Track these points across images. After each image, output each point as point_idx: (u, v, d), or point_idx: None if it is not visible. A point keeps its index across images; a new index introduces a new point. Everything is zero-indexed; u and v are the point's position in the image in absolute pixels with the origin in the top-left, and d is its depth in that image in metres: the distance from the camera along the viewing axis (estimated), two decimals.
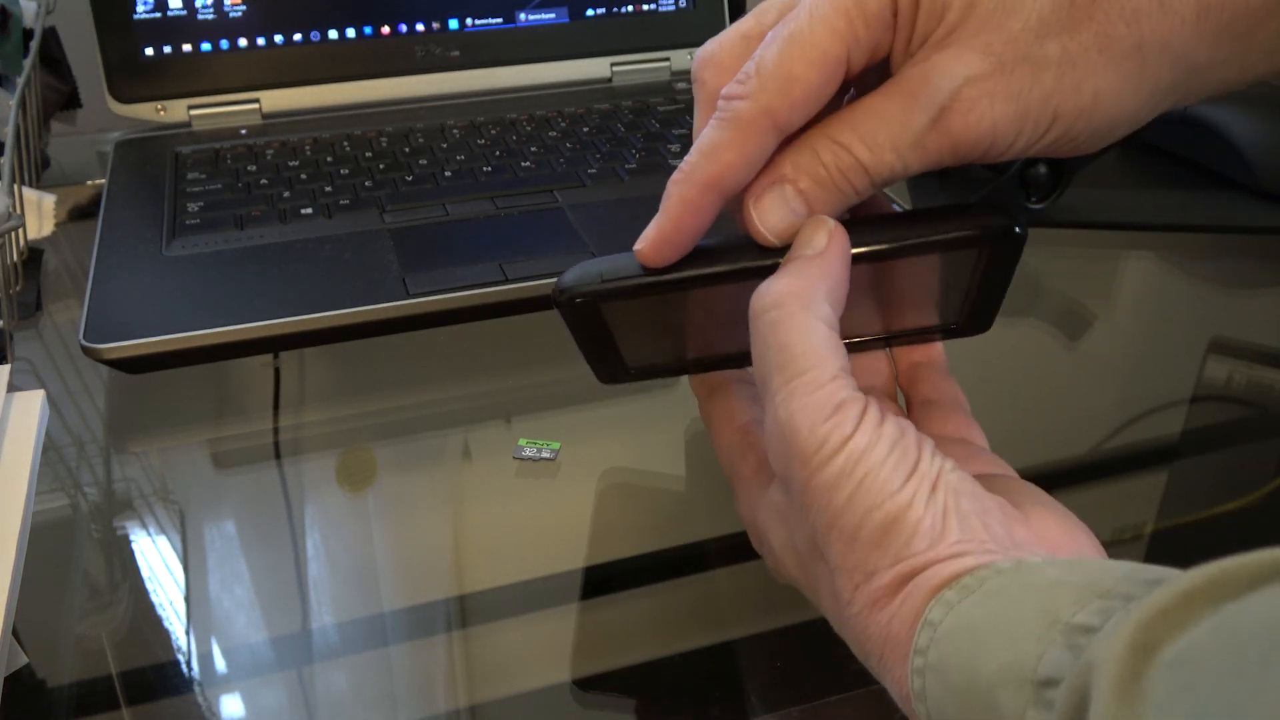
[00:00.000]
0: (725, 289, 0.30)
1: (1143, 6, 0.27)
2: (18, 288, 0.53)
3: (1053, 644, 0.21)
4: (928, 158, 0.28)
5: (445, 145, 0.63)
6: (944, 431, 0.33)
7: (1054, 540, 0.27)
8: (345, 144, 0.63)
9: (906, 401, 0.35)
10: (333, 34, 0.68)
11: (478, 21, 0.70)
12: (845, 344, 0.34)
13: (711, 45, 0.31)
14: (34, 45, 0.62)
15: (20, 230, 0.54)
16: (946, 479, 0.26)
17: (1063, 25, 0.27)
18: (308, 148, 0.62)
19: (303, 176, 0.59)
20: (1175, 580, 0.19)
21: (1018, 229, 0.30)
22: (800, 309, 0.27)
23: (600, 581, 0.40)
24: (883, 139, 0.28)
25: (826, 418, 0.26)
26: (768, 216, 0.29)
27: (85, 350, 0.45)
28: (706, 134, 0.28)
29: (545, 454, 0.45)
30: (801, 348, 0.27)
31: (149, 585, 0.40)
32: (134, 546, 0.42)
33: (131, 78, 0.65)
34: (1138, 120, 0.29)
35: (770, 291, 0.27)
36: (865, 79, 0.30)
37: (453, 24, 0.69)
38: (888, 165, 0.28)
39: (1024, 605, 0.23)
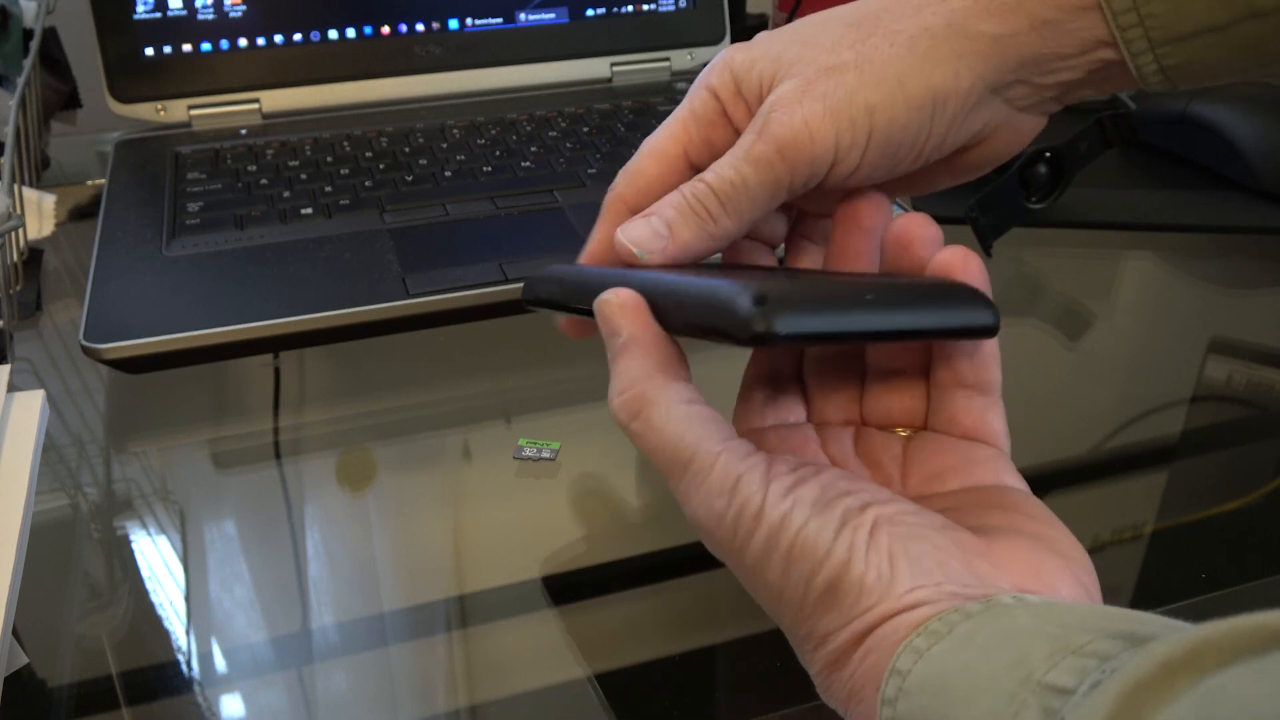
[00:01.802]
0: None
1: (921, 2, 0.31)
2: (18, 288, 0.53)
3: (1026, 706, 0.21)
4: (762, 169, 0.31)
5: (445, 145, 0.63)
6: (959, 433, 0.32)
7: (1018, 574, 0.26)
8: (345, 144, 0.63)
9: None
10: (333, 34, 0.68)
11: (478, 21, 0.70)
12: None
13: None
14: (34, 45, 0.62)
15: (20, 230, 0.54)
16: (887, 522, 0.26)
17: (854, 39, 0.31)
18: (308, 148, 0.62)
19: (303, 176, 0.59)
20: (1153, 649, 0.19)
21: (992, 321, 0.29)
22: (650, 408, 0.28)
23: (600, 581, 0.40)
24: (725, 161, 0.32)
25: (728, 501, 0.26)
26: (630, 231, 0.32)
27: (85, 350, 0.45)
28: None
29: (545, 454, 0.45)
30: (673, 443, 0.27)
31: (149, 585, 0.40)
32: (134, 546, 0.42)
33: (131, 78, 0.65)
34: (960, 89, 0.30)
35: (618, 409, 0.29)
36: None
37: (453, 24, 0.69)
38: (728, 180, 0.31)
39: (996, 657, 0.22)
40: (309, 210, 0.56)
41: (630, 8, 0.72)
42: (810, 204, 0.35)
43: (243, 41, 0.66)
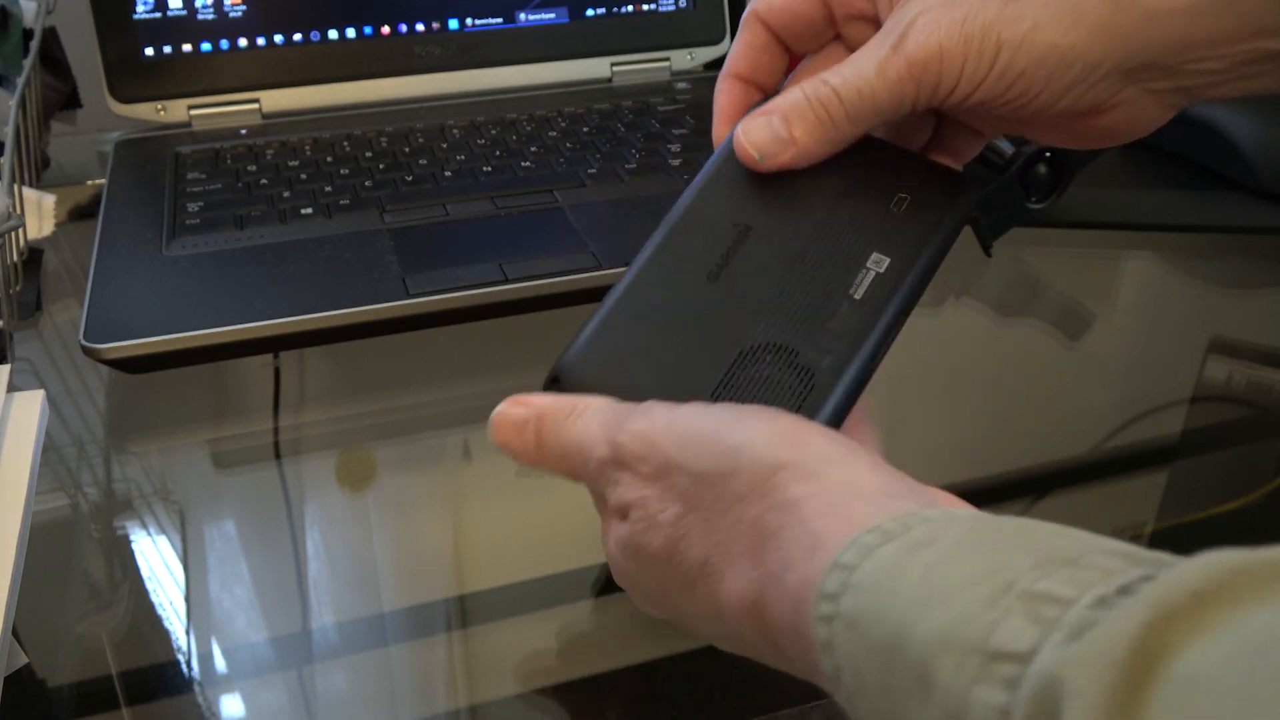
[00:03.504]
0: None
1: None
2: (18, 288, 0.53)
3: (1010, 612, 0.18)
4: (892, 86, 0.31)
5: (445, 145, 0.63)
6: None
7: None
8: (345, 144, 0.63)
9: None
10: (333, 34, 0.68)
11: (478, 21, 0.70)
12: None
13: None
14: (34, 45, 0.62)
15: (20, 230, 0.54)
16: (806, 425, 0.26)
17: None
18: (308, 148, 0.62)
19: (303, 176, 0.59)
20: (1179, 572, 0.17)
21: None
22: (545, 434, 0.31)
23: (600, 582, 0.40)
24: (851, 69, 0.32)
25: (634, 414, 0.28)
26: (751, 134, 0.32)
27: (85, 350, 0.45)
28: None
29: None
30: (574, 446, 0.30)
31: (149, 585, 0.40)
32: (134, 546, 0.42)
33: (131, 78, 0.65)
34: (1089, 60, 0.30)
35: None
36: None
37: (453, 24, 0.69)
38: (854, 89, 0.31)
39: (966, 562, 0.20)
40: (309, 210, 0.56)
41: (630, 8, 0.72)
42: (959, 113, 0.35)
43: (243, 41, 0.66)
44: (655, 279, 0.32)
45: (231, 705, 0.35)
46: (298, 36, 0.67)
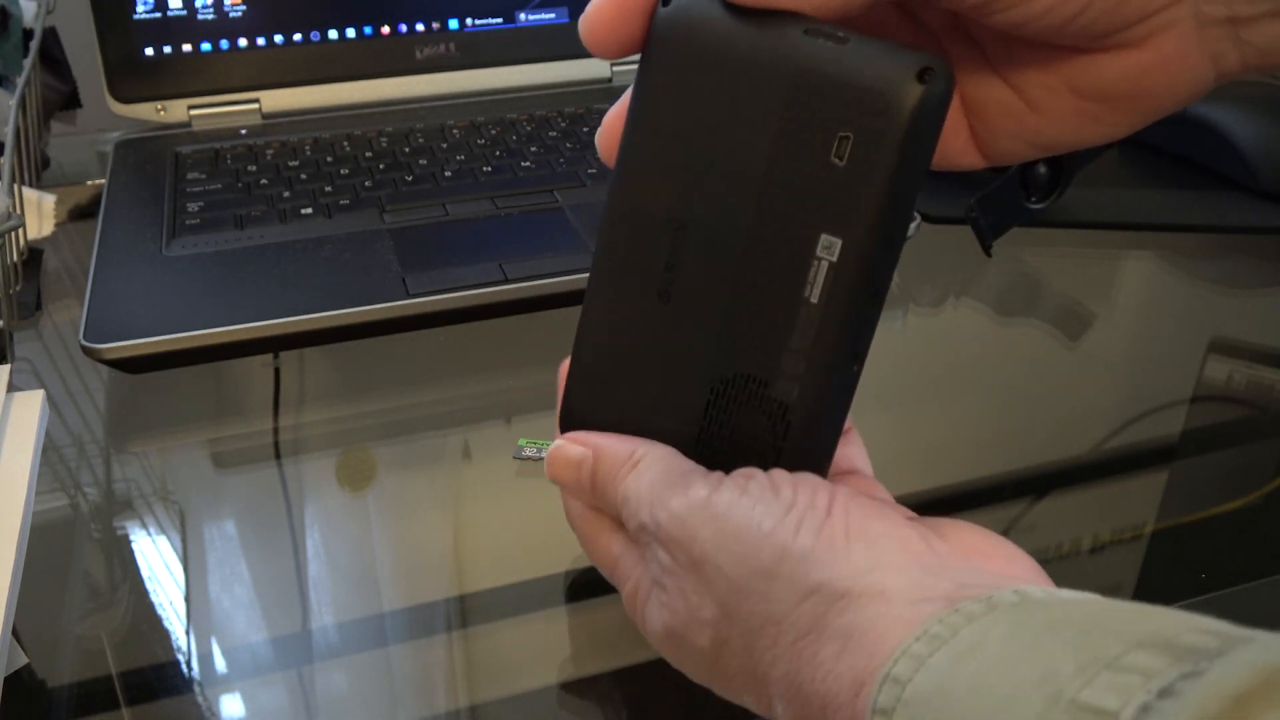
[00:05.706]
0: None
1: None
2: (18, 288, 0.53)
3: None
4: None
5: (445, 145, 0.63)
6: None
7: (981, 551, 0.24)
8: (345, 144, 0.63)
9: None
10: (333, 34, 0.68)
11: (478, 21, 0.70)
12: None
13: None
14: (34, 45, 0.62)
15: (20, 230, 0.54)
16: (842, 505, 0.24)
17: None
18: (308, 148, 0.62)
19: (303, 176, 0.59)
20: (1221, 675, 0.17)
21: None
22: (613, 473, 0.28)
23: (600, 582, 0.40)
24: None
25: (676, 488, 0.26)
26: None
27: (85, 350, 0.45)
28: None
29: (545, 454, 0.45)
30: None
31: (149, 585, 0.40)
32: (134, 546, 0.42)
33: (131, 78, 0.65)
34: None
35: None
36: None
37: (453, 24, 0.69)
38: None
39: (1014, 669, 0.20)
40: (309, 210, 0.56)
41: None
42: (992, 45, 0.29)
43: (243, 41, 0.66)
44: (611, 300, 0.28)
45: (231, 705, 0.35)
46: (298, 36, 0.67)
